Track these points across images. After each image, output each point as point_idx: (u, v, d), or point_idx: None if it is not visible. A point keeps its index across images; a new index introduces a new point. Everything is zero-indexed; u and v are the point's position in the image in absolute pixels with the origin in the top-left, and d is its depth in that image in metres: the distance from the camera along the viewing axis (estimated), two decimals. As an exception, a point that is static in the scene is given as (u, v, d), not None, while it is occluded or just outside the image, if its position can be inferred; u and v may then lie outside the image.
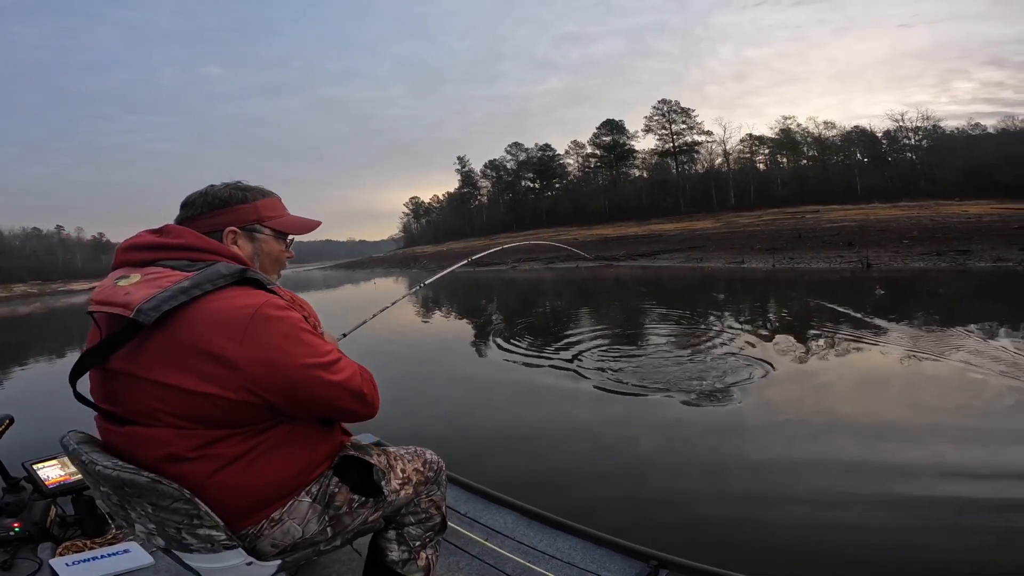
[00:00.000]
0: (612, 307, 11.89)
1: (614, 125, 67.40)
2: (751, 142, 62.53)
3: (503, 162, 77.41)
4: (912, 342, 5.84)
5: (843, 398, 4.24)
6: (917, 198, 42.06)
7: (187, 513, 0.94)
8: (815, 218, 35.22)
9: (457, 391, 5.35)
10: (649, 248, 31.98)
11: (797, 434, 3.52)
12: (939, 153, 51.16)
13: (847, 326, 7.01)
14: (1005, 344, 5.40)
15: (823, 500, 2.66)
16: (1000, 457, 3.03)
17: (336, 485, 1.12)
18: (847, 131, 58.05)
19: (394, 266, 54.04)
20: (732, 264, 21.98)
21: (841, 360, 5.47)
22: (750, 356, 5.48)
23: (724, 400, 4.23)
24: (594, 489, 2.94)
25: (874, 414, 3.81)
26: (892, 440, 3.32)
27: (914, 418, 3.73)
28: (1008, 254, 16.29)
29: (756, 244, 25.62)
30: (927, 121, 54.18)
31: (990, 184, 41.40)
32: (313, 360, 0.98)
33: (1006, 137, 50.37)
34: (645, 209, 57.86)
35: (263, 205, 1.16)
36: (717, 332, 7.01)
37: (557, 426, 4.03)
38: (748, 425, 3.71)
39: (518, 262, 37.34)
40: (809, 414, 3.86)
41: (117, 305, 0.92)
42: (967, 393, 4.16)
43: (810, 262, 19.65)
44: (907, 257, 18.00)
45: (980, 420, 3.61)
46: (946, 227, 24.47)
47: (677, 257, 27.09)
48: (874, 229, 25.65)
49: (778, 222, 35.92)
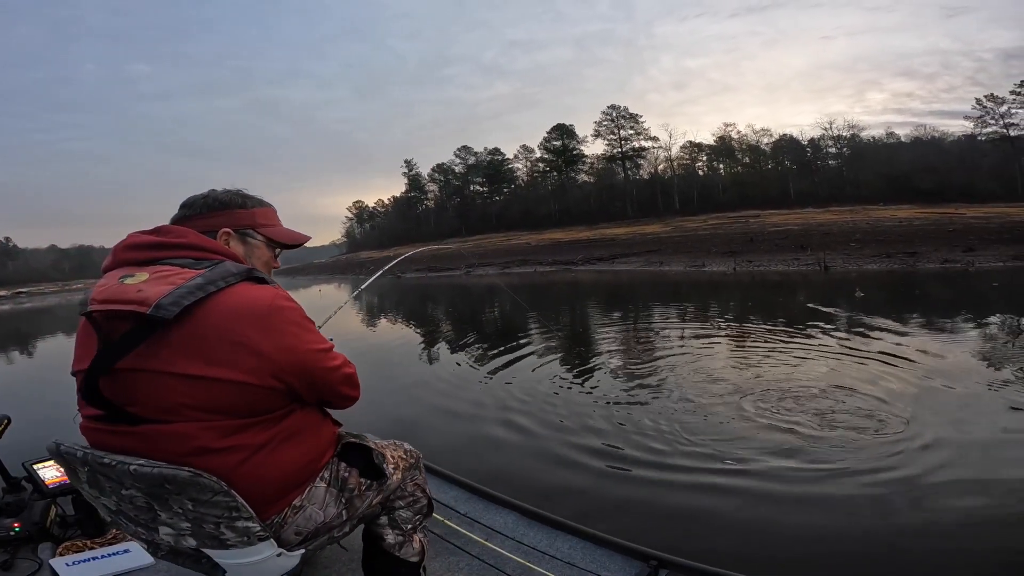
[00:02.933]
0: (648, 317, 11.31)
1: (564, 130, 67.88)
2: (691, 149, 64.89)
3: (452, 166, 76.30)
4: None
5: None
6: (845, 203, 44.80)
7: (226, 506, 0.93)
8: (759, 222, 36.61)
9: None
10: (606, 252, 31.99)
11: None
12: (861, 160, 54.95)
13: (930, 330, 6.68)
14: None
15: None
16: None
17: (345, 470, 1.16)
18: (776, 139, 61.42)
19: (337, 272, 51.70)
20: (693, 267, 22.18)
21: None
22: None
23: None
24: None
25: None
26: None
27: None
28: (952, 256, 17.20)
29: (712, 248, 26.07)
30: (852, 129, 58.19)
31: (909, 190, 44.84)
32: (319, 346, 1.05)
33: (920, 145, 54.94)
34: (594, 214, 58.52)
35: (259, 213, 1.20)
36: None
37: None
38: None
39: (471, 267, 36.55)
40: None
41: (130, 302, 0.91)
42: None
43: (769, 264, 20.07)
44: (860, 260, 18.69)
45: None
46: (883, 230, 25.93)
47: (636, 261, 27.15)
48: (817, 233, 26.79)
49: (725, 226, 37.10)
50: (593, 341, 7.62)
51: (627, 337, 7.71)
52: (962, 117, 53.26)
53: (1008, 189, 42.03)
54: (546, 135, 68.95)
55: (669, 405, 4.27)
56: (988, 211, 31.19)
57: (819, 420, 3.69)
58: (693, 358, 5.80)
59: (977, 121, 51.13)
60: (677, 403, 4.31)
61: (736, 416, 3.90)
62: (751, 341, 6.56)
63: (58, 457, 1.02)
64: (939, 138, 55.98)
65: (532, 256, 37.48)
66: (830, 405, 3.96)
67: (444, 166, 76.78)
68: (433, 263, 43.37)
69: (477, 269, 35.40)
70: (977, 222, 25.43)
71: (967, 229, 22.81)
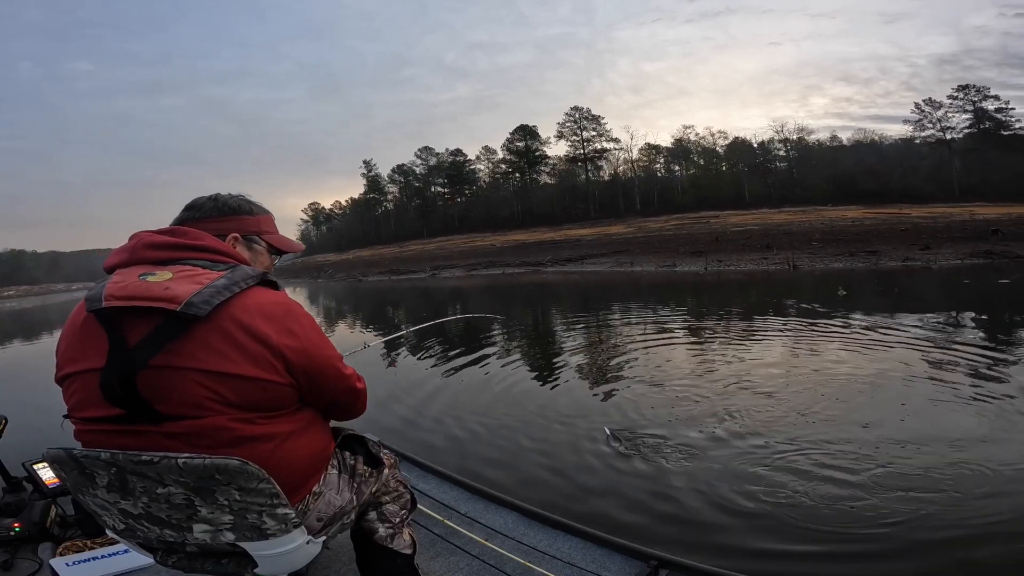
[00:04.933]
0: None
1: (528, 131, 67.65)
2: (649, 151, 66.16)
3: (412, 167, 74.81)
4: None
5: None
6: (797, 204, 46.65)
7: (269, 493, 0.96)
8: (719, 223, 37.52)
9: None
10: (574, 253, 31.93)
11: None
12: (809, 163, 57.42)
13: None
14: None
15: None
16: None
17: (351, 457, 1.23)
18: (730, 142, 63.48)
19: (292, 276, 49.69)
20: (664, 268, 22.32)
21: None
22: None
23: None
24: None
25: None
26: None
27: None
28: (911, 254, 17.91)
29: (680, 248, 26.40)
30: (802, 133, 60.69)
31: (854, 191, 47.09)
32: (334, 354, 1.10)
33: (861, 148, 57.92)
34: (557, 215, 58.70)
35: (264, 220, 1.24)
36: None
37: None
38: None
39: (437, 269, 35.81)
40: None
41: (159, 299, 0.92)
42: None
43: (738, 264, 20.40)
44: (824, 259, 19.24)
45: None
46: (839, 230, 26.97)
47: (606, 262, 27.16)
48: (778, 232, 27.61)
49: (688, 227, 37.84)
50: (613, 343, 7.25)
51: (632, 336, 7.38)
52: (901, 121, 56.74)
53: (946, 191, 44.77)
54: (509, 136, 68.56)
55: (671, 405, 4.21)
56: (931, 211, 33.03)
57: (836, 419, 3.60)
58: (726, 358, 5.63)
59: (916, 124, 54.33)
60: (678, 401, 4.28)
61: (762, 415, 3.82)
62: (767, 338, 6.36)
63: (67, 463, 0.97)
64: (878, 142, 59.25)
65: (498, 257, 37.08)
66: (846, 404, 3.84)
67: (404, 167, 75.21)
68: (396, 266, 42.37)
69: (443, 271, 34.74)
70: (924, 222, 26.83)
71: (917, 229, 23.98)
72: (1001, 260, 15.51)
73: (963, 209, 32.95)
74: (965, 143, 50.64)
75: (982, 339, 5.93)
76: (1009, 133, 49.21)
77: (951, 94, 52.44)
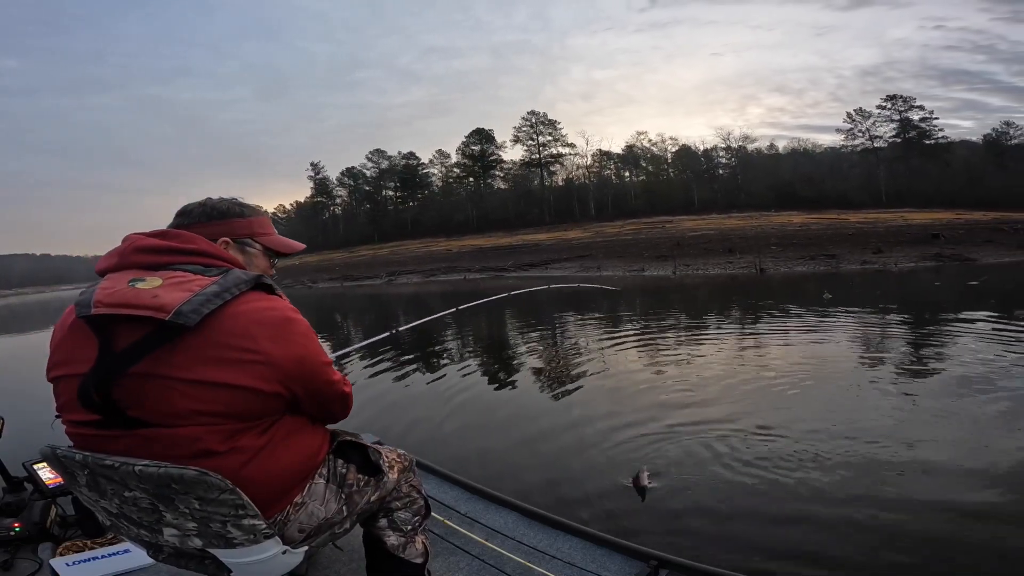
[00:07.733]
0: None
1: (484, 134, 67.14)
2: (601, 157, 67.28)
3: (363, 170, 72.48)
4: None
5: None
6: (743, 210, 48.67)
7: (233, 504, 0.95)
8: (675, 228, 38.43)
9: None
10: (536, 258, 31.64)
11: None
12: (751, 170, 60.20)
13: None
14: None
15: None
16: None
17: (343, 466, 1.19)
18: (676, 150, 65.67)
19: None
20: (632, 272, 22.36)
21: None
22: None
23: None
24: None
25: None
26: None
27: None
28: (867, 257, 18.72)
29: (644, 252, 26.65)
30: (746, 141, 63.58)
31: (794, 198, 49.64)
32: (325, 359, 1.08)
33: (796, 157, 61.33)
34: (512, 220, 58.43)
35: (256, 222, 1.20)
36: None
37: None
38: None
39: (393, 275, 34.58)
40: None
41: (147, 307, 0.90)
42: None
43: (705, 268, 20.70)
44: (788, 262, 19.83)
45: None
46: (791, 235, 28.09)
47: (570, 267, 27.01)
48: (735, 237, 28.44)
49: (644, 231, 38.50)
50: (615, 345, 6.80)
51: (630, 338, 6.98)
52: (833, 130, 60.53)
53: (875, 197, 48.01)
54: (465, 139, 67.86)
55: (673, 404, 4.29)
56: (866, 217, 35.19)
57: (844, 420, 3.63)
58: (728, 356, 5.54)
59: (847, 133, 58.15)
60: (682, 401, 4.36)
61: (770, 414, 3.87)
62: (762, 338, 6.11)
63: (54, 461, 1.00)
64: (811, 150, 62.99)
65: (457, 263, 36.23)
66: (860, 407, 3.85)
67: (354, 170, 72.73)
68: (347, 271, 40.59)
69: (399, 277, 33.54)
70: (865, 227, 28.42)
71: (862, 234, 25.31)
72: (952, 263, 16.46)
73: (895, 215, 35.33)
74: (891, 151, 54.64)
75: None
76: (931, 142, 53.53)
77: (880, 104, 56.60)
